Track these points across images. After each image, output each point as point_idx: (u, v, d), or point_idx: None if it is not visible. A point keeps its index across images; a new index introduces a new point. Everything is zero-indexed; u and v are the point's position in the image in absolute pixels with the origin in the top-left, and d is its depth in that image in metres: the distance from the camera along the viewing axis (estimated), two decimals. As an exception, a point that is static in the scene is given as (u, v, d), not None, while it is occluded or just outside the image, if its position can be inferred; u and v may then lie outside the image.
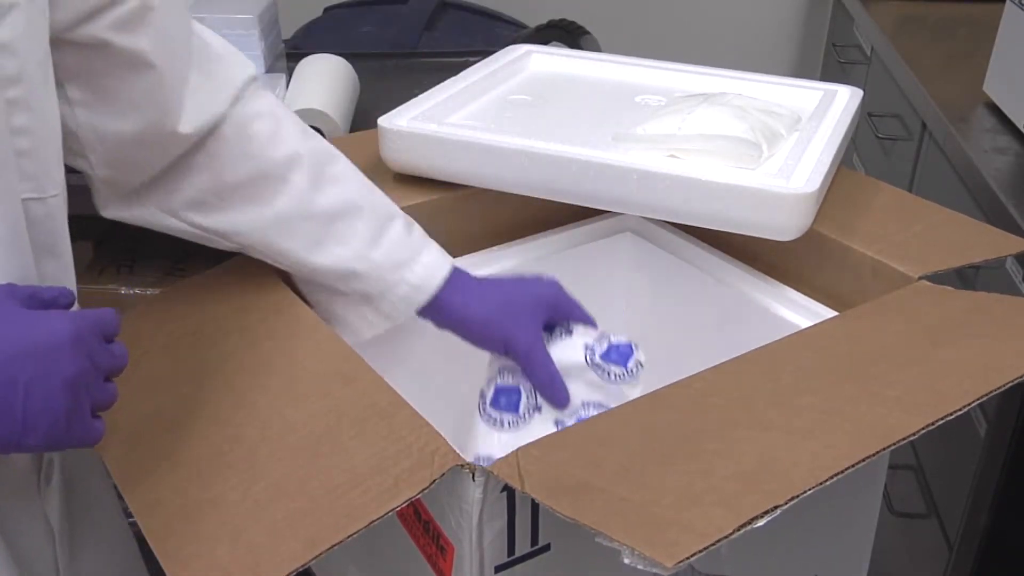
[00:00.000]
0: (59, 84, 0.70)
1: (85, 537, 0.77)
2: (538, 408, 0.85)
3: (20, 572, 0.68)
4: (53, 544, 0.73)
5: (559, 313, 0.87)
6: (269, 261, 0.83)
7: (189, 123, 0.75)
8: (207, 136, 0.77)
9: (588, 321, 0.88)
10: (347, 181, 0.83)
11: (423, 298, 0.84)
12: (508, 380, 0.85)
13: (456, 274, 0.85)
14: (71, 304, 0.61)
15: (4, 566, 0.67)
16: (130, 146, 0.74)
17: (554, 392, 0.83)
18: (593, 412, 0.83)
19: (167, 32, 0.73)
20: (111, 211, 0.80)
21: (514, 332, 0.83)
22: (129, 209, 0.80)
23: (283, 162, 0.80)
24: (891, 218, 0.96)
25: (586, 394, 0.85)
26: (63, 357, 0.55)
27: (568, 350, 0.85)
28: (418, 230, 0.86)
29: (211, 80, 0.76)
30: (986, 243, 0.92)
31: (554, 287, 0.87)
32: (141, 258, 1.30)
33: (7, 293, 0.58)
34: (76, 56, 0.69)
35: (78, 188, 1.20)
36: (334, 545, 0.57)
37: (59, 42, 0.67)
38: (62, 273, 0.68)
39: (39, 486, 0.71)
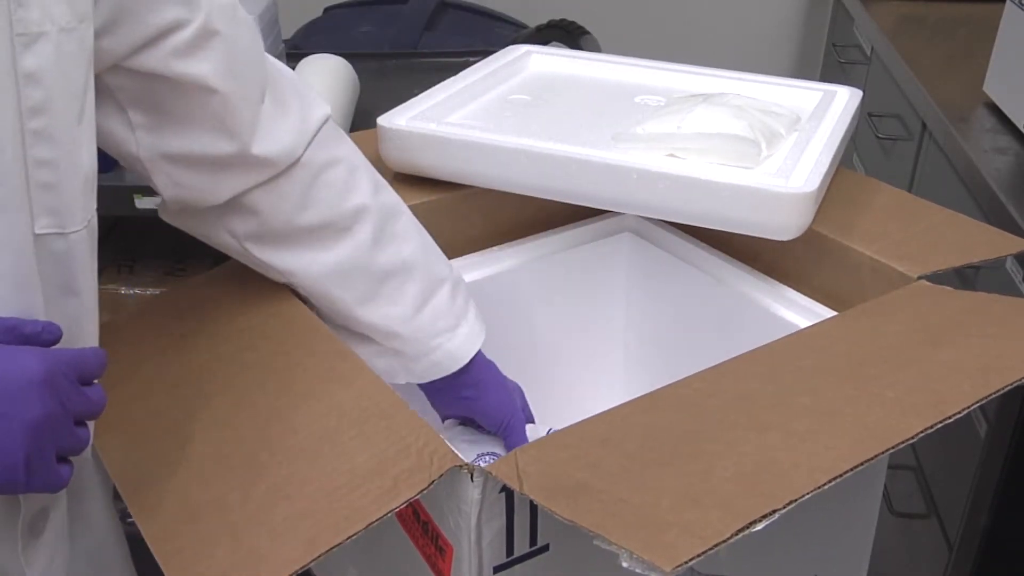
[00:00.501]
0: (120, 109, 0.69)
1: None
2: None
3: None
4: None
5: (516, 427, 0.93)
6: (315, 304, 0.84)
7: (261, 146, 0.74)
8: (280, 174, 0.77)
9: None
10: (407, 240, 0.84)
11: (456, 367, 0.86)
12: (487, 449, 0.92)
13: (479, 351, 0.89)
14: (55, 341, 0.58)
15: None
16: (198, 169, 0.74)
17: None
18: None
19: (234, 56, 0.71)
20: (175, 221, 0.80)
21: (516, 419, 0.91)
22: (192, 222, 0.80)
23: (351, 213, 0.80)
24: (891, 218, 0.96)
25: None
26: (29, 398, 0.53)
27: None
28: (462, 295, 0.88)
29: (286, 112, 0.76)
30: (986, 243, 0.92)
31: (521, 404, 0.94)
32: (141, 258, 1.31)
33: None
34: (136, 82, 0.68)
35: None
36: (334, 547, 0.57)
37: (117, 69, 0.66)
38: (81, 311, 0.65)
39: (22, 542, 0.67)
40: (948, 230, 0.94)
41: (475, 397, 0.89)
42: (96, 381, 0.59)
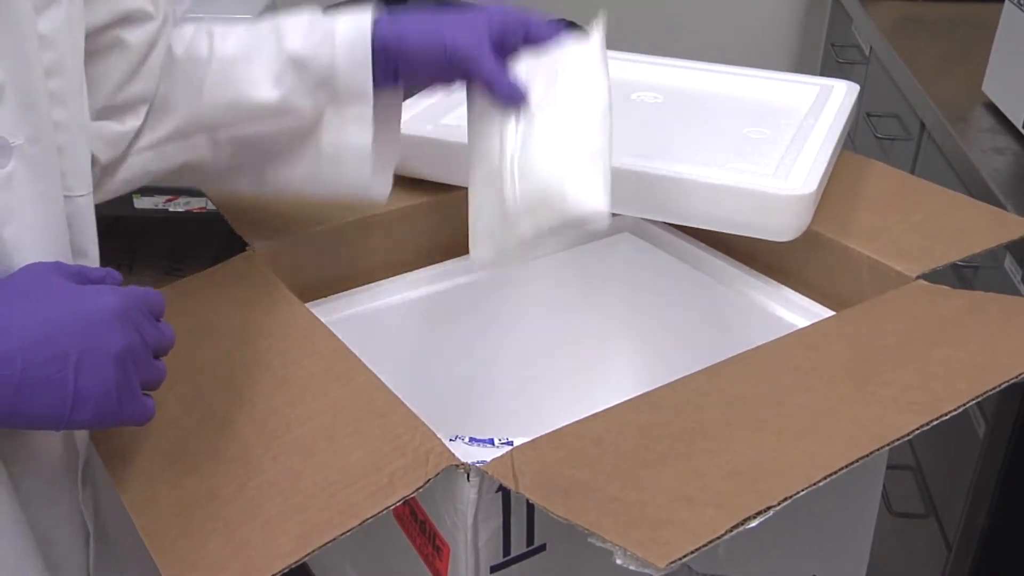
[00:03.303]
0: None
1: (117, 542, 0.76)
2: None
3: (46, 569, 0.67)
4: (87, 547, 0.72)
5: (512, 30, 0.79)
6: (234, 132, 0.80)
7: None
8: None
9: (551, 31, 0.81)
10: (237, 27, 0.81)
11: (365, 52, 0.77)
12: None
13: (385, 17, 0.79)
14: (119, 284, 0.61)
15: (34, 569, 0.66)
16: (114, 140, 0.76)
17: (503, 85, 0.77)
18: None
19: (162, 46, 0.75)
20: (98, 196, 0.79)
21: (454, 39, 0.76)
22: (107, 180, 0.79)
23: (188, 47, 0.79)
24: (890, 206, 0.95)
25: None
26: (113, 331, 0.55)
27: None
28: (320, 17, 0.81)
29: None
30: (986, 228, 0.92)
31: (503, 7, 0.79)
32: (139, 257, 1.31)
33: (53, 269, 0.58)
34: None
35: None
36: (327, 542, 0.57)
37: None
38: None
39: (78, 486, 0.70)
40: (949, 217, 0.94)
41: (405, 61, 0.79)
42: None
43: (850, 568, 0.94)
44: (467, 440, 0.94)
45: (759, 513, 0.55)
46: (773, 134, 1.00)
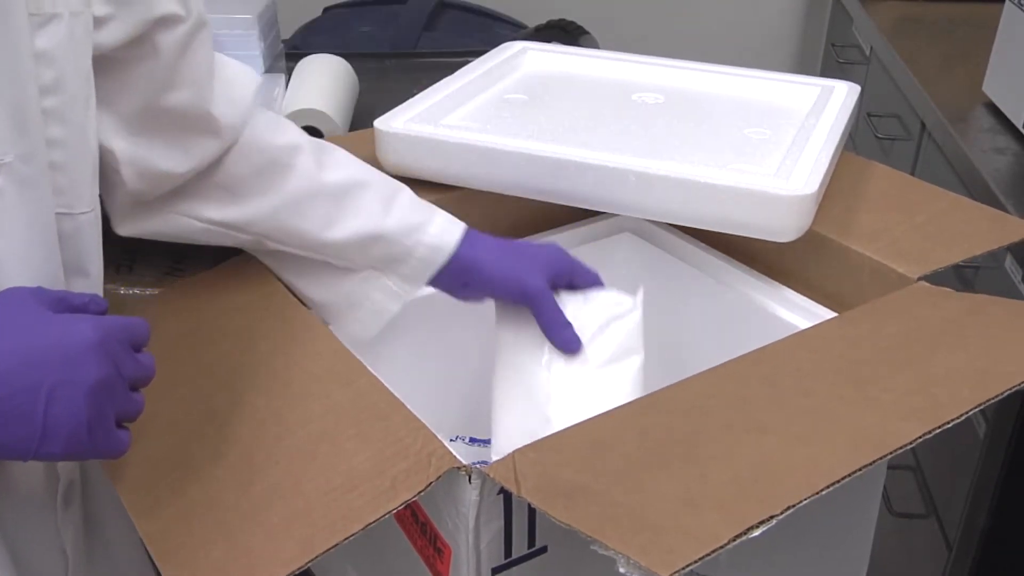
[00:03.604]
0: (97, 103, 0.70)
1: (99, 566, 0.76)
2: None
3: None
4: (66, 572, 0.72)
5: (563, 273, 0.86)
6: (290, 250, 0.84)
7: (227, 127, 0.77)
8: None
9: (591, 279, 0.88)
10: (349, 163, 0.85)
11: (442, 258, 0.84)
12: None
13: (468, 232, 0.86)
14: (102, 312, 0.59)
15: None
16: (167, 157, 0.75)
17: (565, 335, 0.83)
18: None
19: (199, 47, 0.74)
20: (128, 227, 0.81)
21: (526, 279, 0.83)
22: (147, 222, 0.81)
23: (288, 149, 0.81)
24: (892, 207, 0.95)
25: None
26: (88, 362, 0.54)
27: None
28: (425, 202, 0.86)
29: (230, 81, 0.78)
30: (988, 230, 0.92)
31: (557, 249, 0.88)
32: (140, 258, 1.30)
33: (32, 295, 0.56)
34: (115, 75, 0.69)
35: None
36: (330, 548, 0.57)
37: (99, 60, 0.67)
38: (92, 291, 0.67)
39: (57, 510, 0.70)
40: (951, 219, 0.94)
41: (475, 281, 0.86)
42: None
43: (851, 569, 0.94)
44: (467, 440, 0.94)
45: (763, 522, 0.55)
46: (774, 135, 1.00)
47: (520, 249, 0.87)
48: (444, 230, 0.84)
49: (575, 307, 0.85)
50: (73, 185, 0.64)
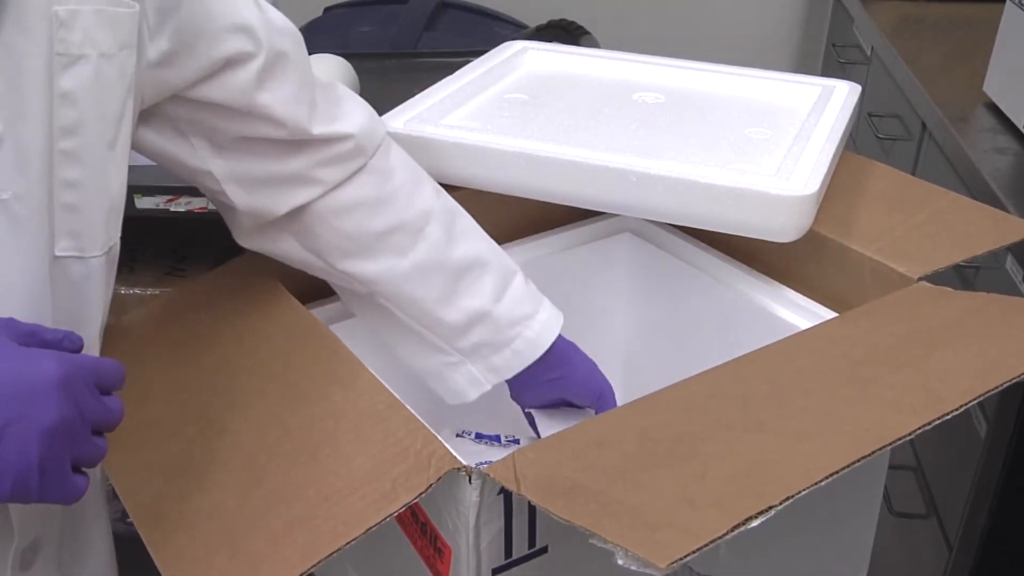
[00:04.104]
0: (182, 135, 0.71)
1: None
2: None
3: None
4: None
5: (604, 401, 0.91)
6: (398, 313, 0.84)
7: (320, 129, 0.77)
8: (347, 181, 0.79)
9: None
10: (474, 237, 0.86)
11: (537, 353, 0.86)
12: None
13: (562, 342, 0.88)
14: (76, 350, 0.56)
15: None
16: (266, 182, 0.76)
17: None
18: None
19: (297, 77, 0.75)
20: (250, 242, 0.81)
21: (603, 382, 0.90)
22: (270, 242, 0.81)
23: (421, 215, 0.82)
24: (893, 208, 0.95)
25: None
26: (48, 402, 0.51)
27: None
28: (533, 286, 0.88)
29: (346, 107, 0.80)
30: (989, 230, 0.92)
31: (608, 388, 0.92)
32: (141, 258, 1.30)
33: (3, 327, 0.53)
34: (196, 112, 0.70)
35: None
36: (332, 553, 0.57)
37: (177, 99, 0.68)
38: (87, 342, 0.63)
39: (8, 573, 0.65)
40: (951, 218, 0.94)
41: (565, 376, 0.89)
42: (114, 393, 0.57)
43: (851, 568, 0.94)
44: (473, 436, 0.94)
45: (760, 513, 0.55)
46: (775, 134, 1.00)
47: (586, 356, 0.91)
48: (546, 326, 0.86)
49: None
50: (88, 228, 0.62)
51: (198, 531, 0.60)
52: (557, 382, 0.89)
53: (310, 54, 1.41)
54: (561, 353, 0.87)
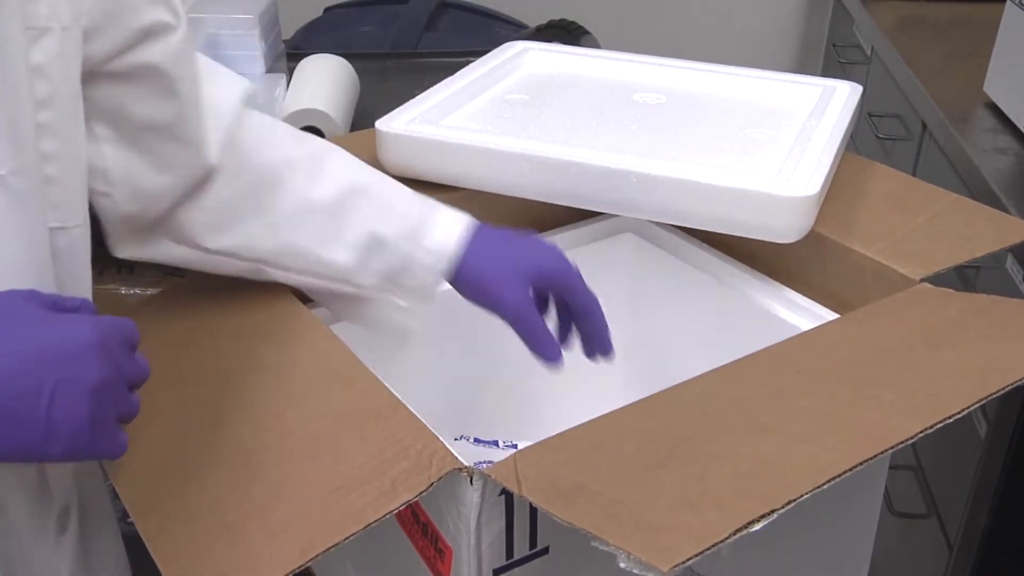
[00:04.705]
0: (86, 120, 0.69)
1: None
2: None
3: None
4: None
5: (555, 286, 0.84)
6: (292, 277, 0.82)
7: (214, 142, 0.76)
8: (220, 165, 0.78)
9: (586, 303, 0.85)
10: (344, 171, 0.83)
11: (446, 263, 0.82)
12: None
13: (474, 232, 0.83)
14: (94, 314, 0.58)
15: None
16: (157, 174, 0.75)
17: (543, 349, 0.82)
18: None
19: (188, 56, 0.73)
20: (125, 251, 0.80)
21: (502, 296, 0.82)
22: (143, 246, 0.80)
23: (276, 167, 0.80)
24: (894, 209, 0.95)
25: None
26: (90, 363, 0.53)
27: None
28: (426, 198, 0.85)
29: (216, 98, 0.77)
30: (990, 232, 0.92)
31: (553, 260, 0.84)
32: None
33: (28, 297, 0.56)
34: (108, 89, 0.69)
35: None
36: (331, 547, 0.57)
37: (91, 75, 0.67)
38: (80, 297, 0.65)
39: (54, 536, 0.69)
40: (952, 219, 0.94)
41: (464, 293, 0.84)
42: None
43: (852, 569, 0.94)
44: (472, 440, 0.94)
45: (762, 517, 0.55)
46: (776, 135, 1.00)
47: (508, 258, 0.84)
48: (445, 234, 0.82)
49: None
50: (67, 199, 0.63)
51: (196, 524, 0.60)
52: (455, 287, 0.84)
53: (310, 54, 1.42)
54: (463, 264, 0.82)
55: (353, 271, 0.81)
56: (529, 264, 0.83)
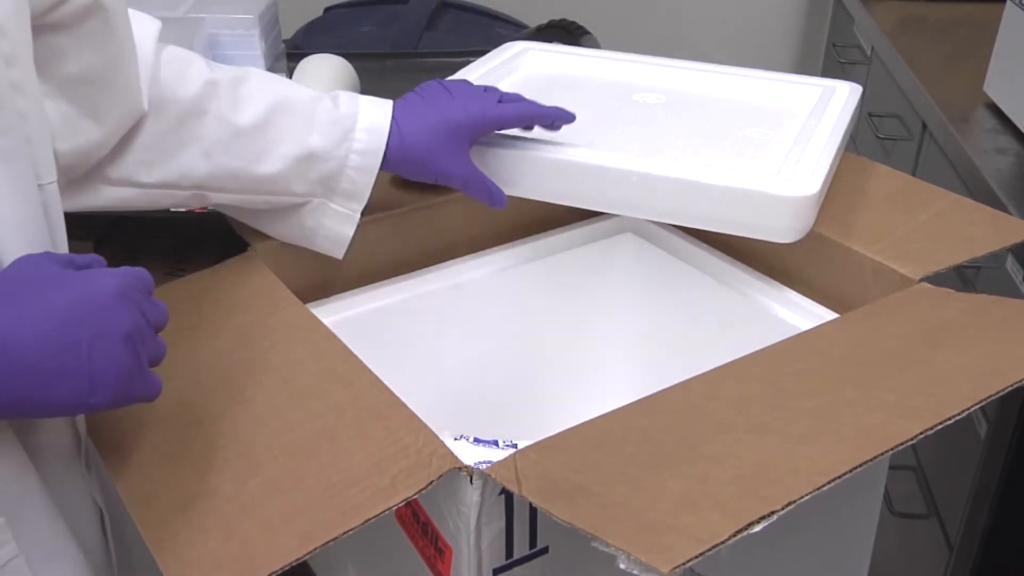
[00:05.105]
0: None
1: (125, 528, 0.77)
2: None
3: (77, 544, 0.69)
4: (101, 520, 0.73)
5: (488, 127, 0.89)
6: (233, 198, 0.85)
7: (144, 87, 0.77)
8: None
9: (521, 117, 0.91)
10: (265, 91, 0.84)
11: (377, 161, 0.85)
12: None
13: (392, 123, 0.86)
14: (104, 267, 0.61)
15: (64, 537, 0.68)
16: (96, 125, 0.75)
17: (492, 200, 0.90)
18: None
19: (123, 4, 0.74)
20: (66, 204, 0.79)
21: (445, 168, 0.88)
22: (81, 196, 0.80)
23: (198, 98, 0.81)
24: (895, 209, 0.95)
25: None
26: (119, 312, 0.56)
27: None
28: (346, 96, 0.87)
29: (139, 38, 0.78)
30: (991, 232, 0.92)
31: (475, 107, 0.88)
32: (142, 258, 1.30)
33: (47, 258, 0.58)
34: (48, 41, 0.69)
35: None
36: (328, 541, 0.57)
37: (33, 29, 0.66)
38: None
39: (85, 468, 0.71)
40: (953, 219, 0.94)
41: (407, 175, 0.90)
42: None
43: (852, 569, 0.94)
44: (471, 440, 0.94)
45: (763, 518, 0.55)
46: (776, 135, 1.00)
47: (435, 130, 0.87)
48: (371, 132, 0.85)
49: None
50: (39, 157, 0.64)
51: (192, 515, 0.60)
52: (415, 178, 0.89)
53: (310, 54, 1.42)
54: (391, 156, 0.86)
55: (291, 182, 0.84)
56: (456, 124, 0.87)
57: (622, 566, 0.53)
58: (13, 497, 0.62)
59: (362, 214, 0.88)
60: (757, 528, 0.55)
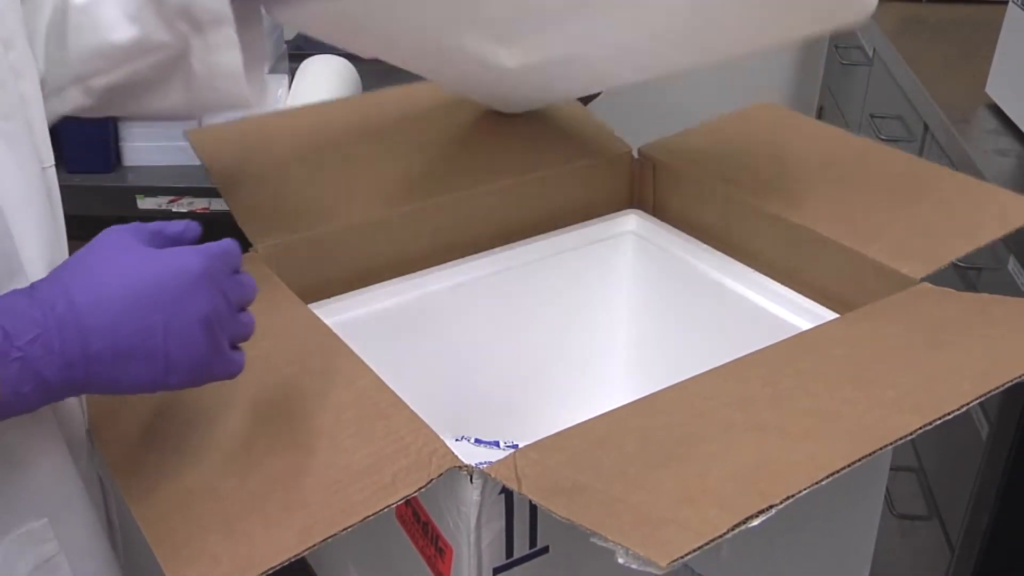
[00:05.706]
0: None
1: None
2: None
3: (110, 542, 0.70)
4: (104, 499, 0.74)
5: None
6: (112, 77, 0.78)
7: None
8: None
9: None
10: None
11: None
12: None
13: None
14: (197, 237, 0.61)
15: (99, 535, 0.69)
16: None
17: None
18: None
19: None
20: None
21: None
22: (65, 102, 0.77)
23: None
24: (897, 196, 0.94)
25: None
26: (197, 295, 0.56)
27: None
28: None
29: None
30: (996, 215, 0.91)
31: None
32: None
33: (133, 232, 0.58)
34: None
35: (81, 188, 1.20)
36: (328, 538, 0.57)
37: None
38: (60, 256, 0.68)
39: (88, 447, 0.72)
40: (956, 205, 0.93)
41: None
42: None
43: (853, 570, 0.94)
44: (472, 441, 0.94)
45: (761, 512, 0.55)
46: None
47: None
48: None
49: None
50: (38, 140, 0.65)
51: (190, 511, 0.60)
52: None
53: (311, 54, 1.42)
54: None
55: (148, 36, 0.77)
56: None
57: (620, 560, 0.53)
58: (56, 497, 0.63)
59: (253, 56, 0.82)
60: (756, 522, 0.55)
